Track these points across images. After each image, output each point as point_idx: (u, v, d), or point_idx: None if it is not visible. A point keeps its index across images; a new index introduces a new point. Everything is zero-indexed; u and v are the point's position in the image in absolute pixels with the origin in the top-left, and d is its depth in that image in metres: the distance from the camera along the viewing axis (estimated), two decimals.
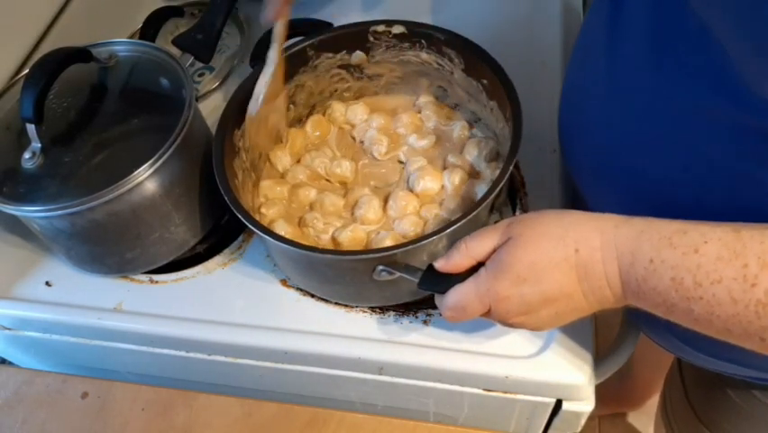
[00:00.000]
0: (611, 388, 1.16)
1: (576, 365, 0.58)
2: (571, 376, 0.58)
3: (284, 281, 0.67)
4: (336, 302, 0.64)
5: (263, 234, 0.56)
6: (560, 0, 0.87)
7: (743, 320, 0.38)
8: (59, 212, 0.59)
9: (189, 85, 0.64)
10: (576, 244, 0.44)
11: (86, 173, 0.61)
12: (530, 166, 0.71)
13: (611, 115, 0.50)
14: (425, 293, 0.57)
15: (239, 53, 0.88)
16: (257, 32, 0.80)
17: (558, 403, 0.61)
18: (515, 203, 0.69)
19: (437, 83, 0.73)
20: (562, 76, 0.78)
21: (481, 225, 0.53)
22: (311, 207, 0.68)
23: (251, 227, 0.56)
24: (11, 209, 0.59)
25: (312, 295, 0.65)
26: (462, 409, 0.65)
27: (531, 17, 0.86)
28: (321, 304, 0.65)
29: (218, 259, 0.70)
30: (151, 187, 0.61)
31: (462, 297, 0.49)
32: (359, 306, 0.64)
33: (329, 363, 0.63)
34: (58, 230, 0.62)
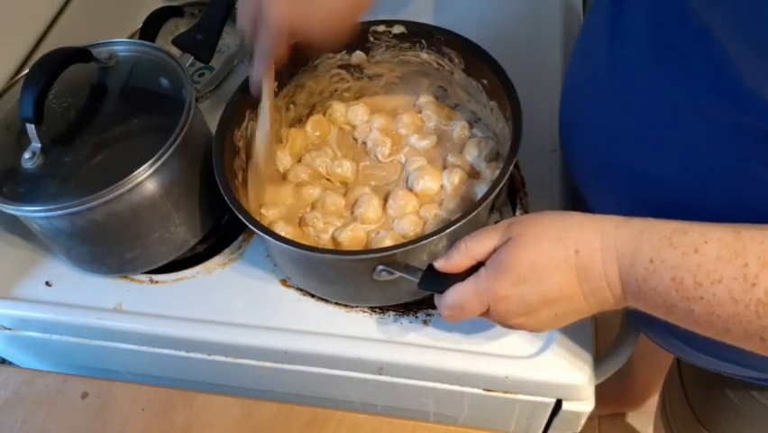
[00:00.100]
0: (611, 388, 1.16)
1: (576, 365, 0.58)
2: (571, 376, 0.58)
3: (284, 281, 0.67)
4: (336, 302, 0.64)
5: (263, 235, 0.56)
6: (560, 0, 0.87)
7: (743, 320, 0.38)
8: (59, 212, 0.59)
9: (189, 85, 0.64)
10: (576, 245, 0.44)
11: (86, 173, 0.61)
12: (530, 166, 0.71)
13: (611, 114, 0.50)
14: (424, 293, 0.57)
15: (239, 53, 0.88)
16: None
17: (558, 403, 0.61)
18: (515, 203, 0.69)
19: (437, 83, 0.73)
20: (562, 76, 0.78)
21: (481, 225, 0.53)
22: (312, 207, 0.68)
23: (251, 227, 0.56)
24: (11, 209, 0.59)
25: (312, 295, 0.65)
26: (462, 409, 0.65)
27: (531, 17, 0.86)
28: (321, 304, 0.65)
29: (218, 259, 0.70)
30: (151, 187, 0.61)
31: (461, 296, 0.49)
32: (359, 306, 0.64)
33: (329, 363, 0.63)
34: (58, 230, 0.62)
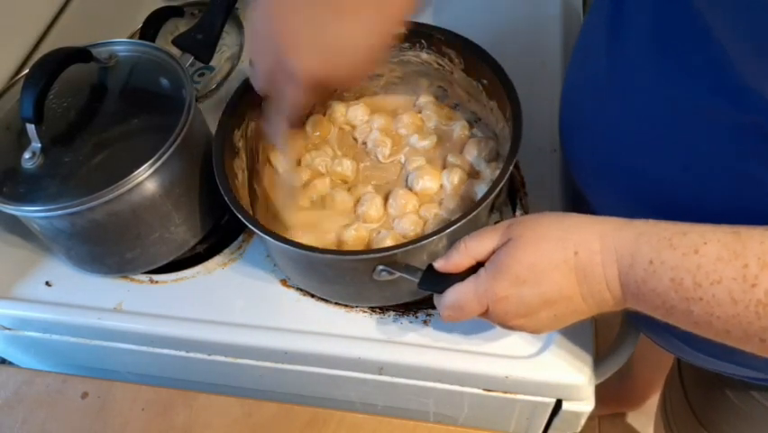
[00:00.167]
0: (611, 388, 1.16)
1: (576, 366, 0.58)
2: (570, 376, 0.58)
3: (284, 281, 0.67)
4: (336, 302, 0.64)
5: (263, 235, 0.56)
6: (560, 0, 0.87)
7: (743, 321, 0.37)
8: (59, 212, 0.59)
9: (189, 85, 0.64)
10: (576, 246, 0.44)
11: (86, 173, 0.61)
12: (530, 166, 0.71)
13: (611, 114, 0.50)
14: (425, 293, 0.57)
15: (239, 53, 0.88)
16: None
17: (558, 403, 0.61)
18: (515, 203, 0.69)
19: (437, 83, 0.73)
20: (562, 76, 0.78)
21: (481, 226, 0.54)
22: (322, 201, 0.67)
23: (250, 227, 0.56)
24: (11, 209, 0.59)
25: (312, 295, 0.65)
26: (462, 409, 0.65)
27: (531, 17, 0.86)
28: (321, 304, 0.65)
29: (218, 259, 0.70)
30: (151, 187, 0.61)
31: (461, 296, 0.49)
32: (359, 306, 0.64)
33: (329, 363, 0.63)
34: (58, 230, 0.62)
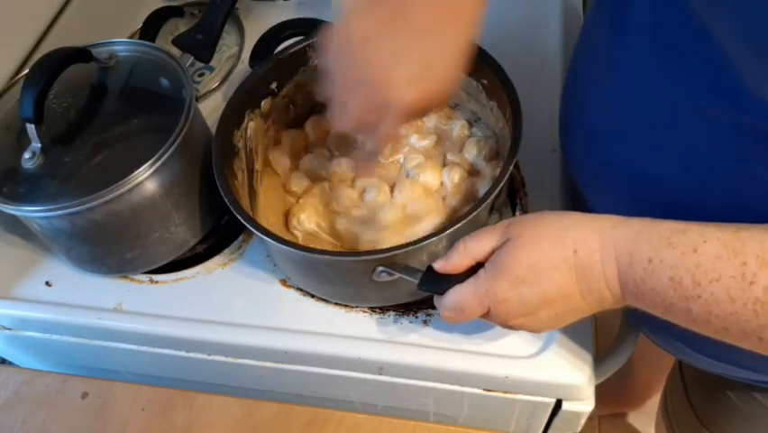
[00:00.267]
0: (611, 388, 1.16)
1: (576, 365, 0.58)
2: (571, 376, 0.58)
3: (284, 281, 0.67)
4: (336, 302, 0.64)
5: (262, 236, 0.56)
6: (560, 0, 0.87)
7: (741, 319, 0.37)
8: (59, 212, 0.59)
9: (189, 85, 0.64)
10: (575, 245, 0.44)
11: (86, 173, 0.61)
12: (530, 166, 0.71)
13: (612, 114, 0.50)
14: (424, 294, 0.57)
15: (239, 53, 0.88)
16: (257, 32, 0.80)
17: (558, 403, 0.61)
18: (515, 203, 0.69)
19: None
20: (562, 76, 0.78)
21: (481, 226, 0.53)
22: (327, 204, 0.67)
23: (249, 228, 0.56)
24: (11, 209, 0.59)
25: (312, 295, 0.65)
26: (462, 409, 0.65)
27: (531, 17, 0.86)
28: (321, 304, 0.65)
29: (218, 259, 0.70)
30: (151, 187, 0.61)
31: (461, 297, 0.49)
32: (359, 306, 0.64)
33: (329, 363, 0.63)
34: (58, 230, 0.62)
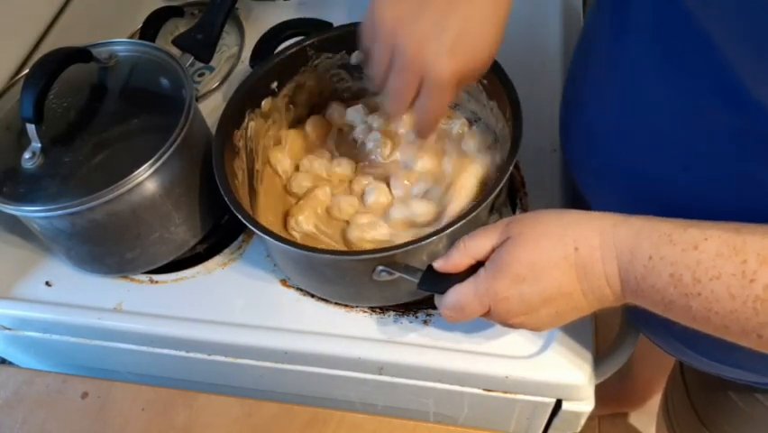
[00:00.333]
0: (611, 388, 1.16)
1: (576, 365, 0.58)
2: (571, 376, 0.58)
3: (284, 281, 0.67)
4: (336, 302, 0.64)
5: (263, 235, 0.56)
6: (560, 0, 0.87)
7: (740, 316, 0.38)
8: (59, 212, 0.59)
9: (189, 85, 0.64)
10: (575, 242, 0.44)
11: (86, 173, 0.61)
12: (530, 166, 0.71)
13: (612, 115, 0.50)
14: (424, 293, 0.57)
15: (239, 53, 0.88)
16: (257, 32, 0.80)
17: (558, 403, 0.61)
18: (515, 203, 0.69)
19: None
20: (562, 76, 0.78)
21: (481, 225, 0.53)
22: (328, 212, 0.67)
23: (250, 227, 0.56)
24: (11, 209, 0.59)
25: (312, 295, 0.65)
26: (462, 409, 0.65)
27: (531, 17, 0.86)
28: (321, 304, 0.65)
29: (218, 259, 0.70)
30: (151, 187, 0.61)
31: (461, 297, 0.49)
32: (359, 306, 0.64)
33: (329, 363, 0.63)
34: (58, 230, 0.62)
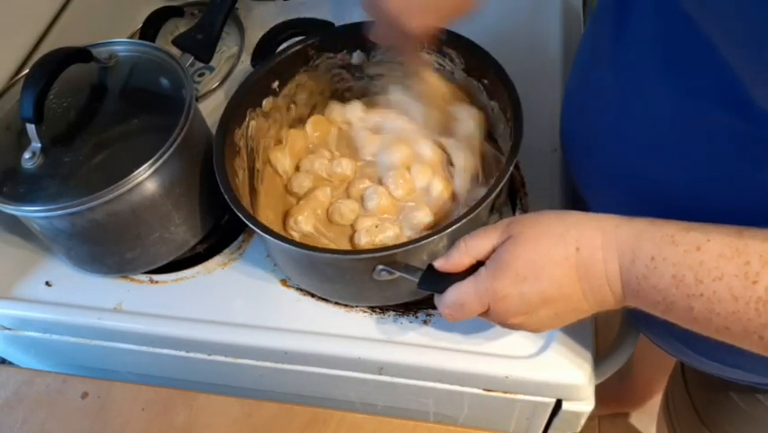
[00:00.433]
0: (611, 388, 1.16)
1: (576, 365, 0.58)
2: (571, 376, 0.58)
3: (284, 281, 0.67)
4: (336, 302, 0.64)
5: (263, 234, 0.56)
6: (560, 2, 0.87)
7: (742, 318, 0.38)
8: (59, 212, 0.59)
9: (189, 85, 0.64)
10: (577, 242, 0.44)
11: (86, 173, 0.61)
12: (530, 166, 0.71)
13: (613, 117, 0.50)
14: (424, 293, 0.57)
15: (239, 53, 0.88)
16: (257, 32, 0.80)
17: (558, 403, 0.61)
18: (515, 203, 0.69)
19: None
20: (562, 76, 0.78)
21: (481, 226, 0.53)
22: (329, 216, 0.67)
23: (251, 226, 0.56)
24: (11, 209, 0.59)
25: (312, 295, 0.65)
26: (462, 409, 0.65)
27: (531, 17, 0.86)
28: (321, 304, 0.65)
29: (218, 259, 0.70)
30: (151, 187, 0.61)
31: (461, 295, 0.49)
32: (359, 306, 0.64)
33: (329, 363, 0.63)
34: (58, 230, 0.62)
